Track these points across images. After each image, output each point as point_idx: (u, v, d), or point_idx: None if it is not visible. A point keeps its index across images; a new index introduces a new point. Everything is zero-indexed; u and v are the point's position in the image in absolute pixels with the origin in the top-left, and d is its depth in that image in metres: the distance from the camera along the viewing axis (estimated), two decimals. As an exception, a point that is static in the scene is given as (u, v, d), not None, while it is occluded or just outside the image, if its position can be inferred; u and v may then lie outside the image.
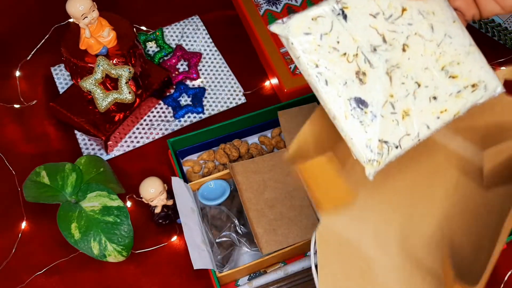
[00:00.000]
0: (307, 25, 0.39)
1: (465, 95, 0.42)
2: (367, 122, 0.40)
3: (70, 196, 0.64)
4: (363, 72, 0.40)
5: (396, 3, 0.41)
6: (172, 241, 0.68)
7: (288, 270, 0.63)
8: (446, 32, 0.42)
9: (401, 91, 0.41)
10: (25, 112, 0.79)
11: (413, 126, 0.41)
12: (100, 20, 0.68)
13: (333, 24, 0.39)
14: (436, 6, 0.42)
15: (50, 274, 0.66)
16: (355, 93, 0.40)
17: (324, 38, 0.39)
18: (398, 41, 0.41)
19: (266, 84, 0.83)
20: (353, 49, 0.40)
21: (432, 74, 0.41)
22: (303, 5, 0.88)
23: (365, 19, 0.40)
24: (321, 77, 0.39)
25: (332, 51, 0.39)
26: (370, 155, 0.40)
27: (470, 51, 0.42)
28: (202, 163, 0.74)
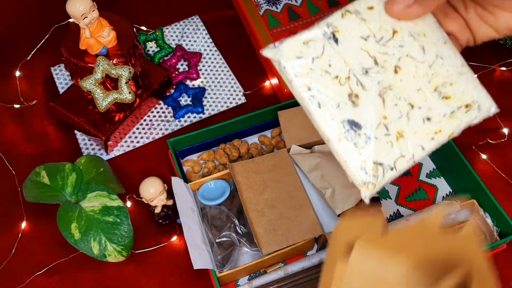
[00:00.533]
0: (299, 49, 0.39)
1: (459, 116, 0.42)
2: (361, 144, 0.40)
3: (70, 196, 0.64)
4: (355, 94, 0.40)
5: (387, 26, 0.41)
6: (172, 241, 0.68)
7: (288, 270, 0.63)
8: (438, 53, 0.42)
9: (394, 113, 0.41)
10: (25, 112, 0.79)
11: (408, 148, 0.41)
12: (100, 20, 0.68)
13: (325, 47, 0.40)
14: (426, 28, 0.42)
15: (50, 274, 0.66)
16: (348, 115, 0.40)
17: (316, 61, 0.40)
18: (390, 63, 0.41)
19: (266, 84, 0.83)
20: (345, 71, 0.40)
21: (425, 95, 0.41)
22: (303, 5, 0.88)
23: (356, 42, 0.40)
24: (313, 100, 0.40)
25: (324, 74, 0.40)
26: (365, 177, 0.40)
27: (463, 72, 0.42)
28: (202, 163, 0.74)
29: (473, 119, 0.42)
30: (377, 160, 0.40)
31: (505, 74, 0.82)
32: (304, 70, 0.39)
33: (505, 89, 0.81)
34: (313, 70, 0.39)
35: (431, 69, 0.41)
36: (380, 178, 0.40)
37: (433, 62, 0.42)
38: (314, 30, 0.40)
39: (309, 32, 0.40)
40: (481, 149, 0.74)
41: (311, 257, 0.64)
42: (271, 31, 0.84)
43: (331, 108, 0.40)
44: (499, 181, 0.72)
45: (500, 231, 0.64)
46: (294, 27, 0.85)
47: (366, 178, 0.40)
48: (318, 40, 0.40)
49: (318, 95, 0.39)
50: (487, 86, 0.44)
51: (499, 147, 0.75)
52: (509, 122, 0.76)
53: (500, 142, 0.75)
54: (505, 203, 0.69)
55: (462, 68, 0.42)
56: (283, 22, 0.86)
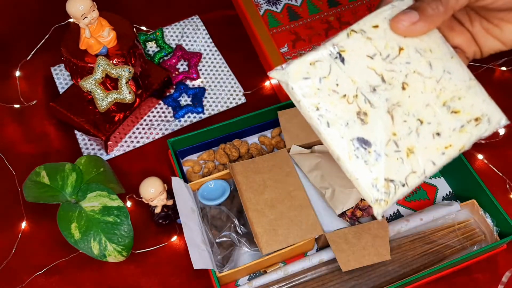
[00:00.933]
0: (306, 70, 0.40)
1: (469, 129, 0.42)
2: (372, 162, 0.40)
3: (70, 196, 0.64)
4: (364, 112, 0.40)
5: (392, 43, 0.41)
6: (172, 241, 0.68)
7: (288, 270, 0.63)
8: (445, 68, 0.42)
9: (403, 129, 0.40)
10: (25, 112, 0.79)
11: (419, 163, 0.41)
12: (100, 20, 0.68)
13: (331, 67, 0.40)
14: (432, 44, 0.42)
15: (50, 274, 0.66)
16: (358, 133, 0.40)
17: (323, 81, 0.40)
18: (397, 80, 0.41)
19: (266, 84, 0.83)
20: (353, 90, 0.40)
21: (434, 111, 0.41)
22: (303, 5, 0.88)
23: (363, 61, 0.40)
24: (322, 119, 0.40)
25: (331, 93, 0.40)
26: (377, 194, 0.40)
27: (471, 85, 0.42)
28: (202, 163, 0.74)
29: (484, 132, 0.42)
30: (388, 177, 0.40)
31: (505, 74, 0.82)
32: (311, 91, 0.40)
33: (505, 89, 0.81)
34: (321, 90, 0.40)
35: (438, 84, 0.41)
36: (392, 194, 0.40)
37: (441, 77, 0.41)
38: (320, 51, 0.40)
39: (315, 52, 0.40)
40: (481, 149, 0.74)
41: (311, 257, 0.64)
42: (271, 31, 0.84)
43: (340, 127, 0.40)
44: (499, 181, 0.72)
45: (500, 231, 0.64)
46: (294, 27, 0.85)
47: (378, 195, 0.40)
48: (324, 60, 0.40)
49: (326, 114, 0.40)
50: (487, 86, 0.44)
51: (499, 147, 0.75)
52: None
53: (500, 142, 0.75)
54: (505, 203, 0.69)
55: (470, 81, 0.42)
56: (283, 22, 0.86)
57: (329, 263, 0.63)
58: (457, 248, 0.64)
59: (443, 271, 0.62)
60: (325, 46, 0.40)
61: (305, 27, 0.85)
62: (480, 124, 0.42)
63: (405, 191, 0.40)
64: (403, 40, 0.41)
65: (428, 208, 0.68)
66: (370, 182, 0.40)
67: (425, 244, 0.64)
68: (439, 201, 0.70)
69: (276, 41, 0.83)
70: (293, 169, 0.67)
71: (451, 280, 0.64)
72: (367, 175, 0.40)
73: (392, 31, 0.40)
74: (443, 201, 0.69)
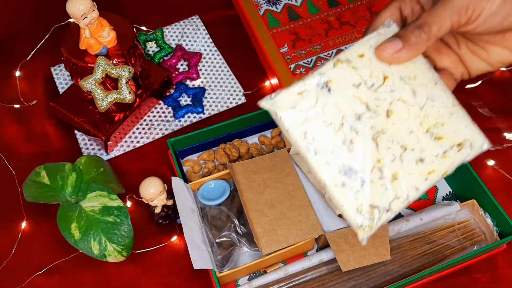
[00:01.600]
0: (294, 100, 0.41)
1: (452, 155, 0.42)
2: (357, 188, 0.41)
3: (70, 196, 0.64)
4: (350, 140, 0.41)
5: (377, 72, 0.41)
6: (172, 241, 0.68)
7: (288, 270, 0.63)
8: (429, 95, 0.42)
9: (388, 156, 0.41)
10: (25, 112, 0.79)
11: (402, 189, 0.41)
12: (100, 20, 0.68)
13: (318, 97, 0.41)
14: (417, 70, 0.42)
15: (50, 274, 0.66)
16: (343, 160, 0.41)
17: (310, 110, 0.41)
18: (382, 108, 0.41)
19: (266, 84, 0.83)
20: (339, 118, 0.41)
21: (418, 137, 0.42)
22: (303, 5, 0.88)
23: (349, 90, 0.41)
24: (310, 147, 0.41)
25: (318, 122, 0.41)
26: (362, 220, 0.41)
27: (454, 111, 0.43)
28: (202, 163, 0.74)
29: (466, 157, 0.43)
30: (373, 203, 0.41)
31: (505, 74, 0.82)
32: (299, 120, 0.41)
33: (505, 89, 0.81)
34: (308, 119, 0.41)
35: (422, 111, 0.42)
36: (376, 220, 0.41)
37: (424, 104, 0.42)
38: (307, 81, 0.41)
39: (303, 83, 0.41)
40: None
41: (311, 257, 0.64)
42: (271, 31, 0.84)
43: (327, 155, 0.41)
44: (499, 181, 0.72)
45: (500, 231, 0.64)
46: (294, 27, 0.85)
47: (362, 221, 0.41)
48: (312, 90, 0.41)
49: (313, 142, 0.41)
50: (488, 86, 0.44)
51: (505, 148, 0.75)
52: (508, 122, 0.76)
53: (499, 142, 0.75)
54: (505, 203, 0.69)
55: (453, 107, 0.43)
56: (283, 22, 0.86)
57: (329, 263, 0.63)
58: (457, 248, 0.64)
59: (443, 271, 0.62)
60: (312, 76, 0.41)
61: (305, 27, 0.85)
62: (463, 149, 0.43)
63: (389, 216, 0.41)
64: (387, 68, 0.41)
65: (428, 208, 0.68)
66: (355, 208, 0.41)
67: (425, 244, 0.64)
68: (439, 201, 0.70)
69: (276, 41, 0.83)
70: (293, 169, 0.67)
71: (451, 280, 0.64)
72: (353, 202, 0.41)
73: (377, 59, 0.41)
74: (443, 201, 0.69)
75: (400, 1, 0.45)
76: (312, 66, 0.81)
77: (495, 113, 0.77)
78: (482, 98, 0.78)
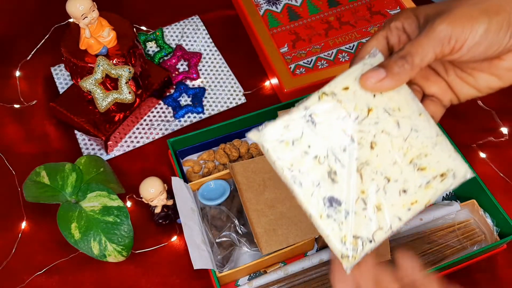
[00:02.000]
0: (280, 133, 0.42)
1: (435, 185, 0.43)
2: (341, 220, 0.42)
3: (70, 196, 0.64)
4: (334, 171, 0.42)
5: (361, 105, 0.42)
6: (172, 241, 0.68)
7: (288, 270, 0.63)
8: (412, 127, 0.43)
9: (372, 187, 0.42)
10: (25, 112, 0.79)
11: (386, 220, 0.42)
12: (100, 20, 0.68)
13: (304, 130, 0.42)
14: (402, 101, 0.43)
15: (50, 274, 0.66)
16: (328, 192, 0.42)
17: (296, 143, 0.42)
18: (366, 140, 0.42)
19: (266, 84, 0.83)
20: (324, 151, 0.42)
21: (401, 168, 0.43)
22: (303, 5, 0.88)
23: (333, 123, 0.42)
24: (296, 179, 0.42)
25: (304, 155, 0.42)
26: (345, 251, 0.42)
27: (437, 142, 0.43)
28: (202, 163, 0.74)
29: (449, 187, 0.43)
30: (356, 234, 0.42)
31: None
32: (285, 152, 0.42)
33: (505, 88, 0.80)
34: (294, 151, 0.42)
35: (406, 142, 0.43)
36: (359, 250, 0.42)
37: (408, 135, 0.43)
38: (293, 115, 0.42)
39: (289, 116, 0.42)
40: (481, 149, 0.74)
41: (311, 257, 0.64)
42: (271, 31, 0.84)
43: (312, 187, 0.42)
44: (499, 181, 0.72)
45: (500, 231, 0.64)
46: (294, 27, 0.85)
47: (346, 251, 0.42)
48: (297, 123, 0.42)
49: (299, 175, 0.42)
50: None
51: (499, 147, 0.75)
52: (509, 122, 0.76)
53: (500, 142, 0.75)
54: (505, 203, 0.69)
55: (437, 138, 0.43)
56: (283, 22, 0.86)
57: (329, 263, 0.63)
58: (457, 248, 0.64)
59: (443, 271, 0.62)
60: (298, 109, 0.42)
61: (305, 27, 0.85)
62: (446, 179, 0.43)
63: (373, 246, 0.43)
64: (372, 101, 0.42)
65: (428, 208, 0.68)
66: (339, 239, 0.42)
67: (425, 244, 0.64)
68: (439, 201, 0.70)
69: (276, 41, 0.83)
70: (293, 169, 0.67)
71: (451, 280, 0.64)
72: (337, 233, 0.42)
73: (361, 92, 0.42)
74: (443, 201, 0.69)
75: (386, 30, 0.45)
76: (312, 66, 0.81)
77: (496, 112, 0.77)
78: (482, 97, 0.78)
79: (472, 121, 0.77)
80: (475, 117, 0.77)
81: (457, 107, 0.65)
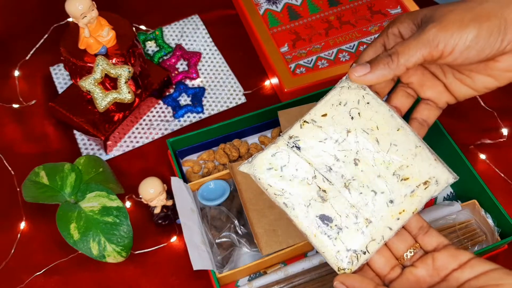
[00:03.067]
0: (269, 161, 0.45)
1: (419, 193, 0.45)
2: (334, 236, 0.44)
3: (69, 196, 0.64)
4: (323, 190, 0.45)
5: (340, 128, 0.45)
6: (171, 241, 0.68)
7: (288, 271, 0.63)
8: (392, 142, 0.45)
9: (361, 201, 0.45)
10: (24, 112, 0.79)
11: (377, 231, 0.44)
12: (99, 20, 0.68)
13: (290, 156, 0.45)
14: (380, 120, 0.46)
15: (50, 274, 0.65)
16: (320, 211, 0.45)
17: (284, 169, 0.45)
18: (349, 158, 0.45)
19: (266, 84, 0.82)
20: (311, 172, 0.45)
21: (386, 180, 0.45)
22: (303, 4, 0.87)
23: (317, 146, 0.45)
24: (288, 202, 0.45)
25: (293, 178, 0.45)
26: (341, 264, 0.44)
27: (417, 152, 0.45)
28: (201, 163, 0.73)
29: (433, 193, 0.46)
30: (350, 248, 0.44)
31: (506, 73, 0.82)
32: (275, 179, 0.45)
33: (505, 88, 0.80)
34: (283, 177, 0.45)
35: (387, 156, 0.45)
36: (354, 263, 0.44)
37: (388, 150, 0.45)
38: (279, 143, 0.46)
39: (275, 145, 0.46)
40: (482, 149, 0.74)
41: (311, 257, 0.64)
42: (271, 31, 0.84)
43: (304, 208, 0.45)
44: (500, 181, 0.72)
45: (501, 231, 0.64)
46: (294, 27, 0.85)
47: (342, 265, 0.44)
48: (283, 151, 0.45)
49: (290, 198, 0.45)
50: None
51: (500, 147, 0.74)
52: (509, 122, 0.76)
53: (501, 142, 0.75)
54: (506, 203, 0.69)
55: (416, 149, 0.46)
56: (283, 21, 0.86)
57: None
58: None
59: (444, 271, 0.62)
60: (283, 138, 0.46)
61: (305, 26, 0.85)
62: (429, 187, 0.45)
63: (367, 257, 0.45)
64: (350, 123, 0.45)
65: (429, 208, 0.67)
66: (334, 255, 0.44)
67: (426, 245, 0.63)
68: (440, 202, 0.70)
69: (276, 40, 0.83)
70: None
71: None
72: (331, 248, 0.44)
73: (339, 117, 0.45)
74: (444, 201, 0.69)
75: (383, 37, 0.48)
76: (312, 65, 0.80)
77: (496, 111, 0.77)
78: (486, 95, 0.78)
79: (474, 121, 0.77)
80: (476, 117, 0.77)
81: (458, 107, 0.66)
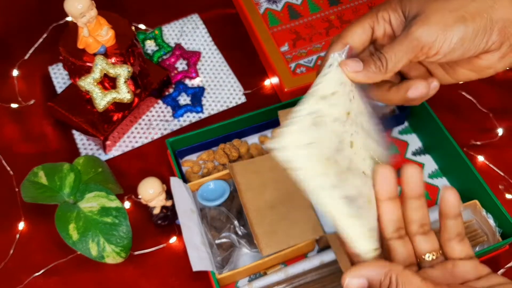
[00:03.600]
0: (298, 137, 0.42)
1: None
2: (360, 215, 0.42)
3: (68, 197, 0.63)
4: (341, 171, 0.43)
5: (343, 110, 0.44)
6: (171, 242, 0.68)
7: (289, 271, 0.63)
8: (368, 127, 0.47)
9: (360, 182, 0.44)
10: (23, 112, 0.79)
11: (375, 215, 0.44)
12: (98, 19, 0.67)
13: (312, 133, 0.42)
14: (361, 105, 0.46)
15: (49, 275, 0.65)
16: (343, 191, 0.42)
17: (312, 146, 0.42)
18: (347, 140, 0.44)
19: (266, 84, 0.82)
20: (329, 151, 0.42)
21: (368, 164, 0.45)
22: (304, 3, 0.87)
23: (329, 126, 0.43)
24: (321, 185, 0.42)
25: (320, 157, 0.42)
26: (374, 244, 0.42)
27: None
28: (201, 163, 0.73)
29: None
30: (371, 227, 0.43)
31: (508, 73, 0.82)
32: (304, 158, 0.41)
33: (505, 88, 0.80)
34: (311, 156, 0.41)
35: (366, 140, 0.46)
36: (378, 241, 0.43)
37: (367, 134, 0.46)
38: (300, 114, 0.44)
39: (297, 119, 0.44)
40: (483, 148, 0.74)
41: (311, 258, 0.63)
42: (271, 30, 0.84)
43: (331, 189, 0.41)
44: (501, 181, 0.72)
45: (502, 232, 0.64)
46: (294, 26, 0.85)
47: (374, 244, 0.42)
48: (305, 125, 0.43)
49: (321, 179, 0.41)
50: (490, 86, 0.44)
51: (501, 147, 0.74)
52: (509, 122, 0.76)
53: (502, 142, 0.74)
54: (507, 204, 0.68)
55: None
56: (284, 21, 0.85)
57: (330, 264, 0.63)
58: (459, 249, 0.63)
59: (445, 272, 0.62)
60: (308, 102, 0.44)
61: (306, 26, 0.85)
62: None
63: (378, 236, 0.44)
64: (349, 105, 0.45)
65: (430, 208, 0.67)
66: (365, 234, 0.42)
67: (427, 245, 0.63)
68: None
69: (276, 40, 0.82)
70: (294, 170, 0.67)
71: (453, 281, 0.64)
72: (361, 229, 0.42)
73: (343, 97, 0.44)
74: (445, 202, 0.69)
75: (373, 19, 0.47)
76: (312, 65, 0.80)
77: (496, 112, 0.77)
78: (482, 95, 0.78)
79: (474, 121, 0.76)
80: (476, 117, 0.77)
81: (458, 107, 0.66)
